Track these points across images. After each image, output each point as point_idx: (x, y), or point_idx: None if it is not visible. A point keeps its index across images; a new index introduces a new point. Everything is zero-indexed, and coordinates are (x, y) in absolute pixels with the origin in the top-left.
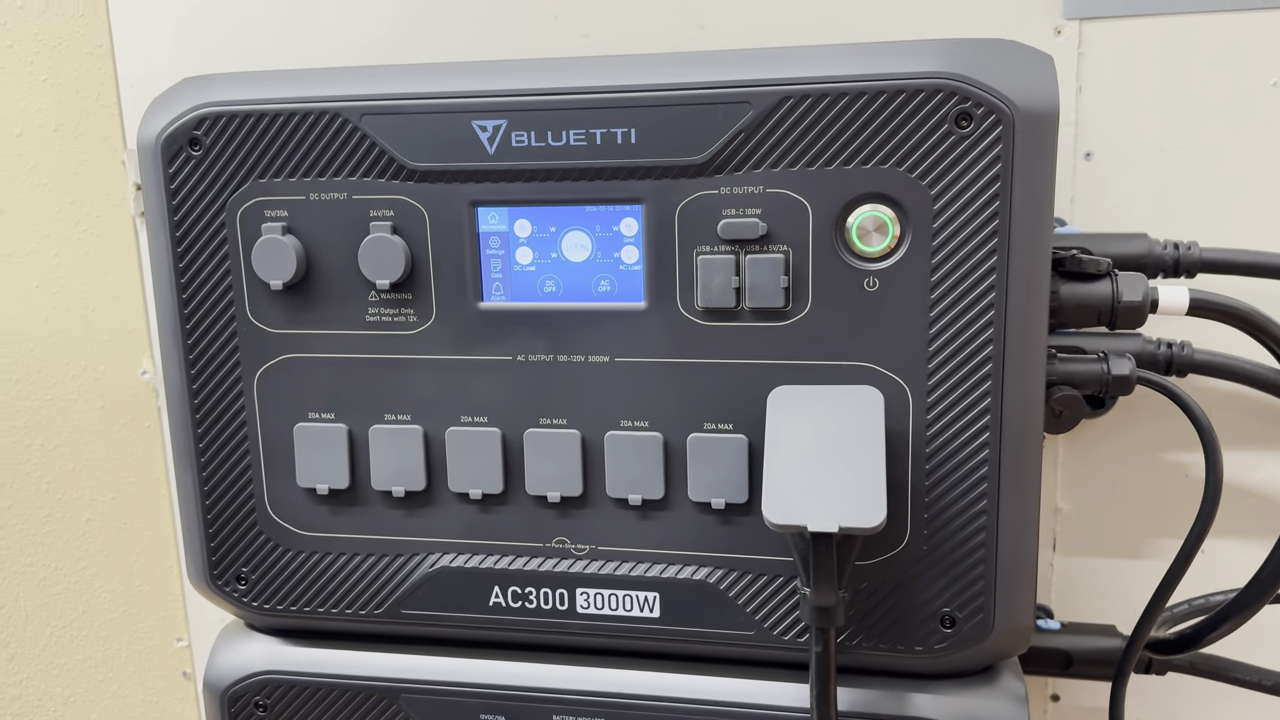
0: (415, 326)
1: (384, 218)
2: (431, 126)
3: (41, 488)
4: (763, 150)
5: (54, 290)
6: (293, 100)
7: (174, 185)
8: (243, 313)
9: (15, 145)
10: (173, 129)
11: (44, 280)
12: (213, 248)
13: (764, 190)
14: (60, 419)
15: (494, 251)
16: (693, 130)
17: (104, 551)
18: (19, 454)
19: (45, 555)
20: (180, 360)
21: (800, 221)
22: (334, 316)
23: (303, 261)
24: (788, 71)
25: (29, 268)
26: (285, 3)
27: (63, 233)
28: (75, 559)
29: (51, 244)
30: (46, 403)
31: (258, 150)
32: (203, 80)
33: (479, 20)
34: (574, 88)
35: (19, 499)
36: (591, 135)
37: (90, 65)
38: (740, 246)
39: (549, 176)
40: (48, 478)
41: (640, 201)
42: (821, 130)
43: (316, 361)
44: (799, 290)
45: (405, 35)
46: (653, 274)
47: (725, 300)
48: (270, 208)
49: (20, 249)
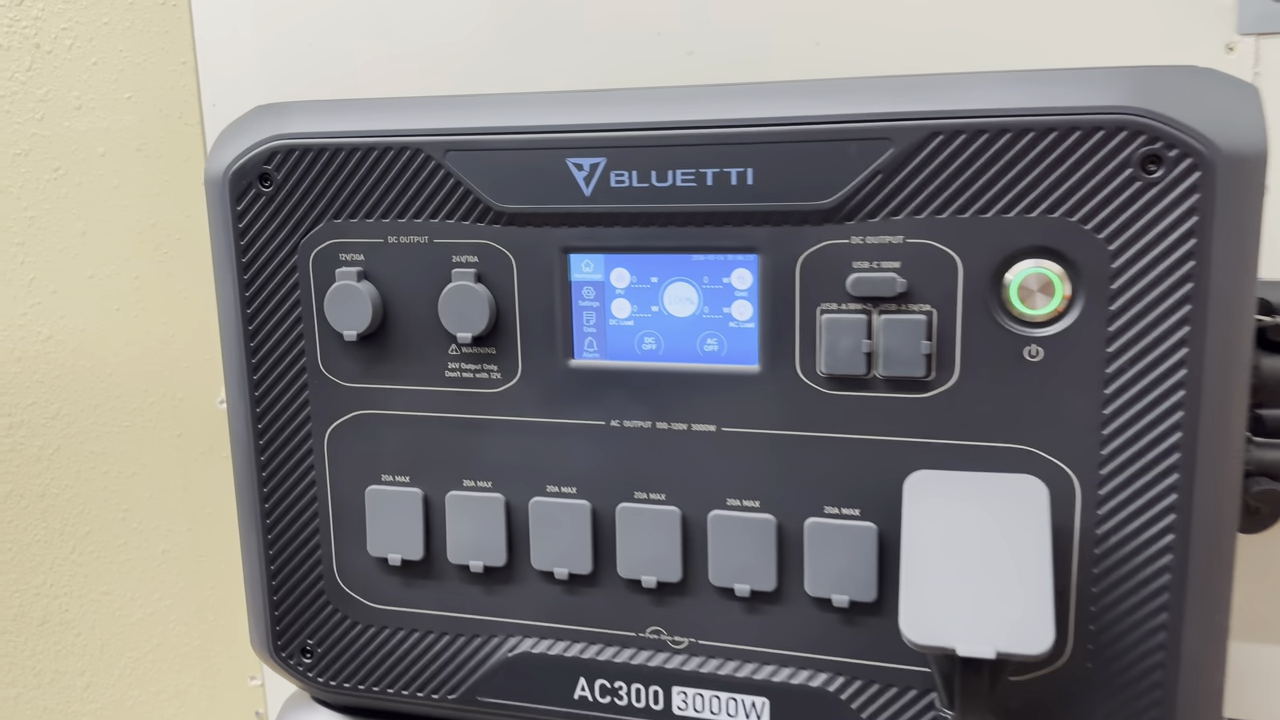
0: (499, 384)
1: (467, 264)
2: (522, 164)
3: (119, 515)
4: (904, 194)
5: (134, 314)
6: (371, 134)
7: (243, 224)
8: (314, 364)
9: (99, 164)
10: (242, 163)
11: (124, 303)
12: (283, 293)
13: (904, 241)
14: (138, 446)
15: (588, 303)
16: (820, 170)
17: (179, 584)
18: (96, 480)
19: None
20: (246, 412)
21: (948, 277)
22: (411, 371)
23: (379, 310)
24: (936, 103)
25: (109, 290)
26: (376, 19)
27: (144, 255)
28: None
29: (132, 266)
30: (125, 429)
31: (333, 188)
32: (275, 109)
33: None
34: (683, 121)
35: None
36: (702, 175)
37: (174, 83)
38: (874, 305)
39: (652, 221)
40: (124, 505)
41: (756, 251)
42: (977, 172)
43: (391, 419)
44: (944, 357)
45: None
46: (769, 333)
47: (854, 366)
48: (345, 250)
49: (101, 271)
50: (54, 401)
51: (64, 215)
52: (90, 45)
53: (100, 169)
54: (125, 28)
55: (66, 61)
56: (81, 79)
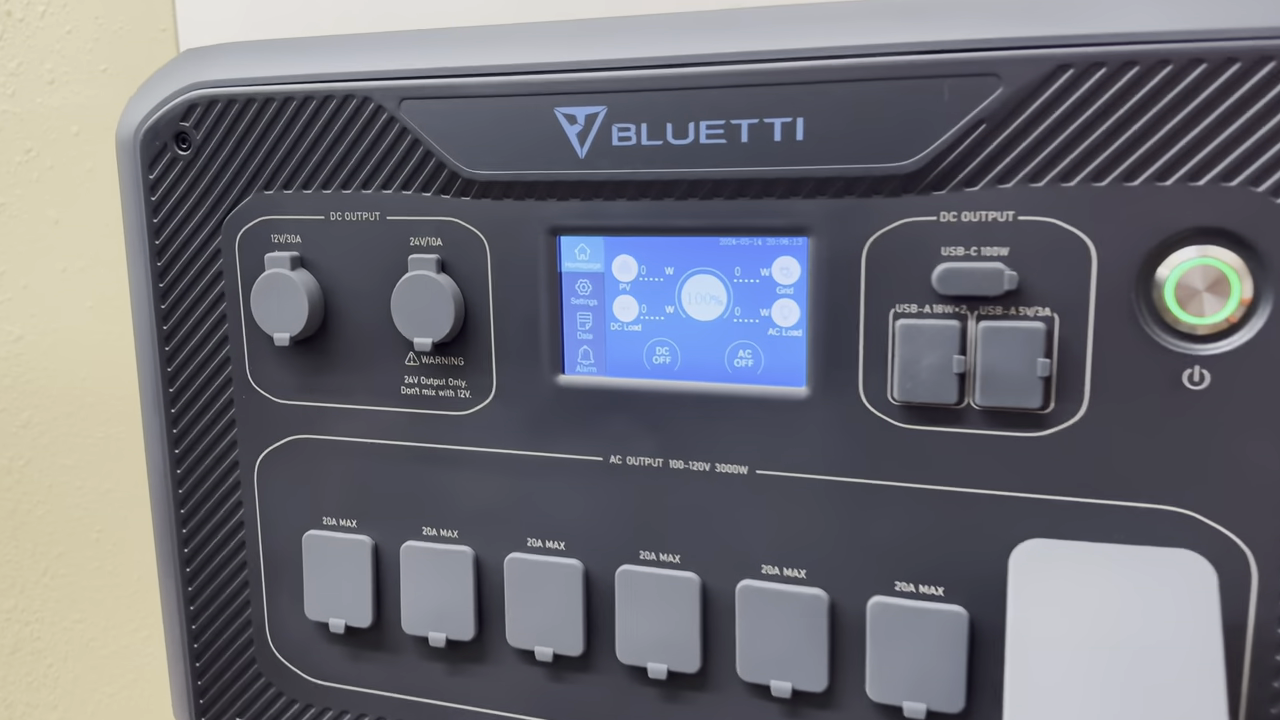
0: (468, 405)
1: (428, 248)
2: (497, 117)
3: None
4: (1017, 153)
5: (110, 312)
6: (307, 79)
7: (156, 195)
8: (240, 374)
9: (72, 145)
10: (155, 119)
11: (99, 300)
12: (205, 283)
13: (1015, 218)
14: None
15: (582, 301)
16: (898, 120)
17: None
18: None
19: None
20: (161, 433)
21: (1077, 269)
22: (358, 385)
23: (318, 307)
24: (1063, 25)
25: (82, 285)
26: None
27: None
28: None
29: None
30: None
31: (262, 150)
32: (200, 52)
33: None
34: (707, 56)
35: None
36: (734, 129)
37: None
38: (971, 308)
39: (668, 192)
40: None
41: (806, 232)
42: (1120, 122)
43: (334, 447)
44: (1068, 382)
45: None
46: (821, 345)
47: (941, 392)
48: (277, 230)
49: (74, 264)
50: (24, 409)
51: (35, 202)
52: (64, 12)
53: (74, 150)
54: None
55: (39, 30)
56: (55, 49)
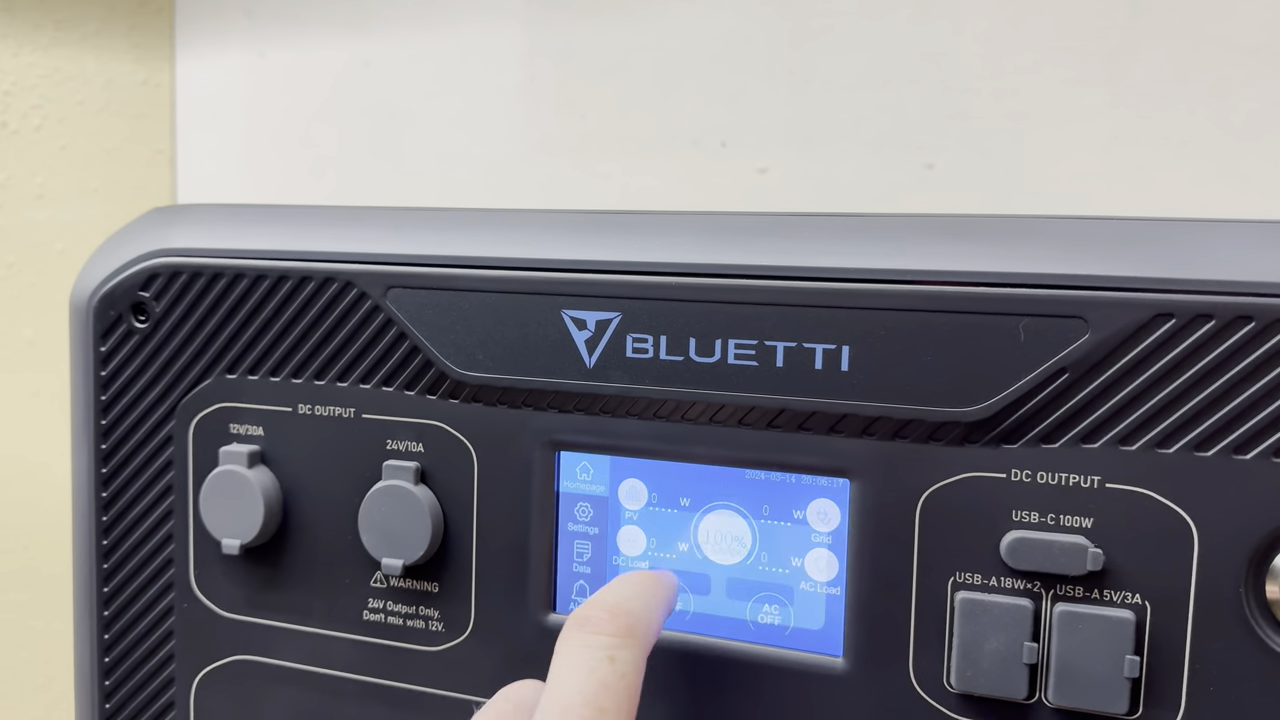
0: (439, 640)
1: (407, 454)
2: (496, 315)
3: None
4: (1105, 409)
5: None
6: (284, 255)
7: (106, 370)
8: (184, 580)
9: (55, 263)
10: (110, 286)
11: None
12: (151, 473)
13: (1100, 485)
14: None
15: (582, 528)
16: (962, 360)
17: None
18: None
19: None
20: (91, 637)
21: (1175, 552)
22: (315, 606)
23: (275, 512)
24: (1163, 267)
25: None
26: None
27: None
28: None
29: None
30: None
31: (228, 329)
32: (168, 214)
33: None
34: (741, 267)
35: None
36: (767, 351)
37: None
38: (1046, 586)
39: (686, 414)
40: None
41: (849, 475)
42: (1230, 386)
43: (283, 673)
44: (1162, 686)
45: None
46: (863, 608)
47: (1007, 685)
48: (238, 420)
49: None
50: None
51: (12, 320)
52: (60, 126)
53: (57, 268)
54: (100, 108)
55: (33, 143)
56: (47, 164)
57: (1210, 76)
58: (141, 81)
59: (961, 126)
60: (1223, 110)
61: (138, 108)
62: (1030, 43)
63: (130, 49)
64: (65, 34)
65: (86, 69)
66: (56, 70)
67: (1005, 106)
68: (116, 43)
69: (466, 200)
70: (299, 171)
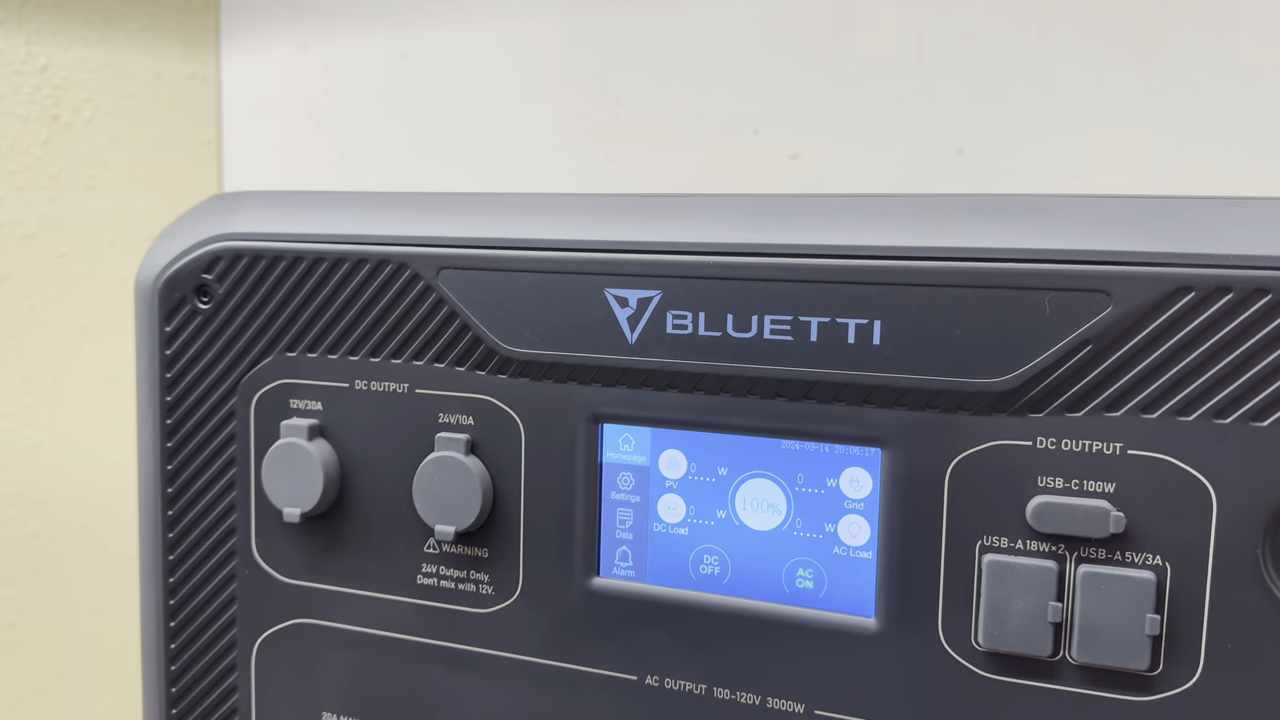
0: (489, 603)
1: (458, 426)
2: (542, 293)
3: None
4: (1127, 379)
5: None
6: (341, 239)
7: (171, 349)
8: (246, 548)
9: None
10: (176, 269)
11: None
12: (216, 445)
13: (1123, 451)
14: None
15: (624, 496)
16: (992, 333)
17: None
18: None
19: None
20: (158, 603)
21: (1194, 515)
22: (371, 571)
23: (333, 482)
24: (1184, 242)
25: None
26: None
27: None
28: None
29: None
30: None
31: (288, 309)
32: (227, 200)
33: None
34: (778, 246)
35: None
36: (802, 326)
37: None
38: (1070, 549)
39: (724, 386)
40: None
41: (881, 444)
42: (1249, 354)
43: (340, 636)
44: (1181, 642)
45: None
46: (894, 571)
47: (1033, 643)
48: (298, 395)
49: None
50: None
51: (66, 307)
52: (110, 119)
53: (108, 257)
54: (148, 101)
55: (84, 136)
56: (97, 156)
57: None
58: (188, 75)
59: (991, 112)
60: (1252, 94)
61: (185, 101)
62: (1061, 27)
63: (177, 44)
64: (115, 30)
65: (135, 63)
66: (106, 65)
67: (1034, 92)
68: (164, 38)
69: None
70: (341, 160)
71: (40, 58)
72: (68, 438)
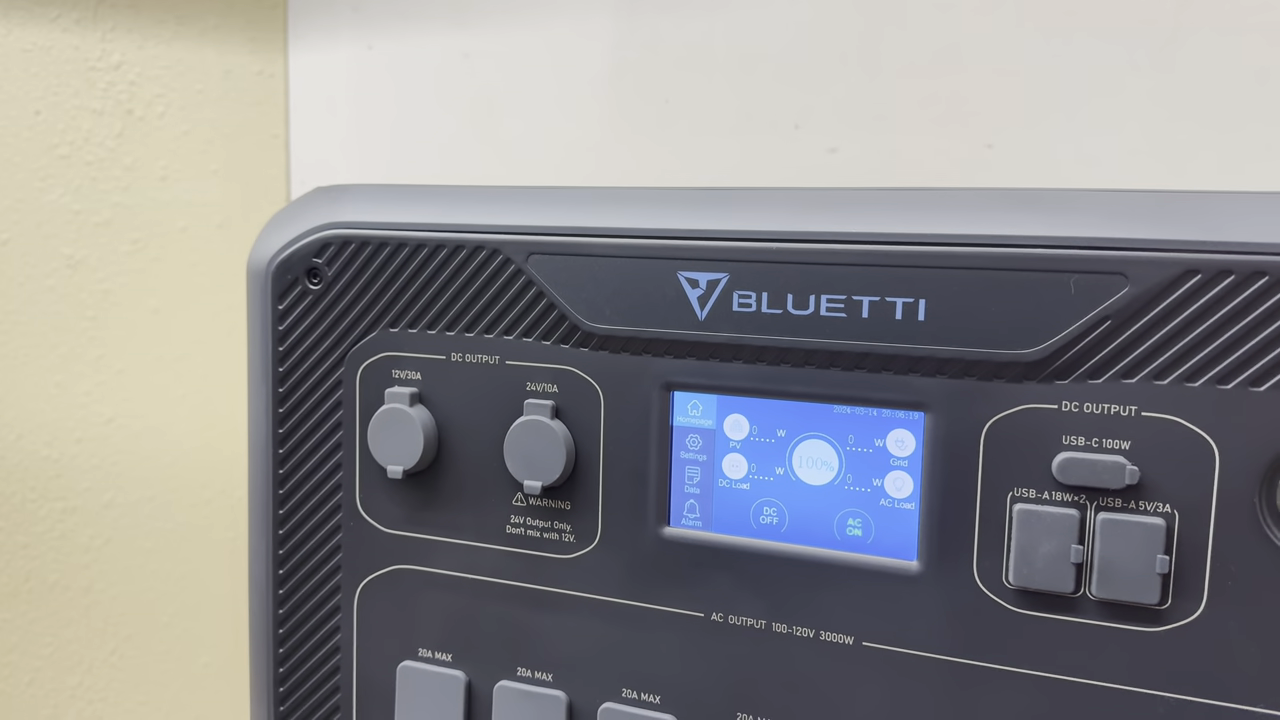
0: (572, 550)
1: (544, 394)
2: (621, 276)
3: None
4: (1141, 350)
5: (199, 402)
6: (440, 228)
7: (284, 325)
8: (350, 502)
9: (178, 239)
10: (289, 253)
11: (190, 390)
12: (324, 411)
13: (1138, 413)
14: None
15: (692, 455)
16: (1022, 310)
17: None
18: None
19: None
20: (267, 551)
21: (1198, 469)
22: (465, 522)
23: (432, 443)
24: (1195, 229)
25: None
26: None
27: (216, 339)
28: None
29: (203, 351)
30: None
31: (391, 290)
32: (333, 192)
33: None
34: (834, 234)
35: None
36: (855, 305)
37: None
38: (1090, 499)
39: (784, 358)
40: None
41: (924, 408)
42: (1248, 328)
43: (436, 580)
44: (1187, 579)
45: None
46: (934, 520)
47: (1057, 580)
48: (399, 366)
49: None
50: (109, 489)
51: (138, 291)
52: (182, 113)
53: (179, 244)
54: (219, 96)
55: (157, 129)
56: (169, 148)
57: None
58: (257, 72)
59: (1019, 109)
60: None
61: (254, 96)
62: (1085, 29)
63: (246, 42)
64: (187, 28)
65: (206, 60)
66: (179, 61)
67: (1060, 91)
68: (234, 36)
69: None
70: (403, 154)
71: (115, 55)
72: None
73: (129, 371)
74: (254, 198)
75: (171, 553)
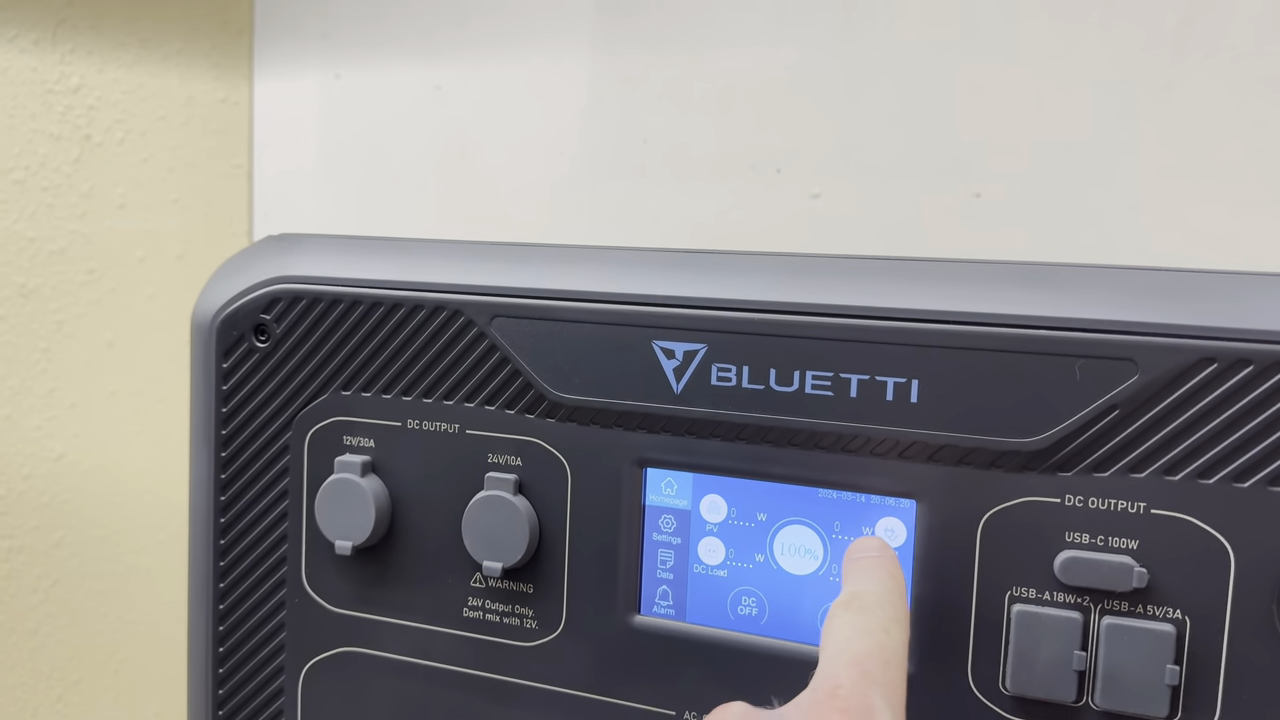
0: (533, 636)
1: (507, 467)
2: (591, 343)
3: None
4: (1152, 442)
5: (154, 439)
6: (398, 285)
7: (228, 385)
8: (296, 578)
9: (135, 270)
10: (235, 308)
11: (144, 427)
12: (269, 478)
13: (1146, 510)
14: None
15: (665, 538)
16: (1022, 395)
17: None
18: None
19: None
20: (207, 628)
21: (1213, 573)
22: (418, 603)
23: (384, 516)
24: (1207, 316)
25: (130, 410)
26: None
27: (172, 375)
28: None
29: (158, 386)
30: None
31: (344, 350)
32: (284, 241)
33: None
34: (820, 305)
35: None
36: (842, 383)
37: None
38: (1094, 601)
39: (765, 436)
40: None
41: (915, 496)
42: (1265, 425)
43: (385, 665)
44: (1199, 693)
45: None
46: (926, 618)
47: (1058, 689)
48: (351, 433)
49: (124, 388)
50: (58, 528)
51: (93, 323)
52: (142, 140)
53: (136, 275)
54: (180, 124)
55: (116, 155)
56: (128, 175)
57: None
58: (221, 99)
59: (1008, 157)
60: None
61: (217, 124)
62: (1077, 78)
63: (211, 68)
64: (149, 52)
65: (169, 86)
66: (140, 86)
67: (1051, 138)
68: (198, 62)
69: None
70: (371, 188)
71: (74, 78)
72: (91, 452)
73: (81, 406)
74: (215, 229)
75: (122, 595)
